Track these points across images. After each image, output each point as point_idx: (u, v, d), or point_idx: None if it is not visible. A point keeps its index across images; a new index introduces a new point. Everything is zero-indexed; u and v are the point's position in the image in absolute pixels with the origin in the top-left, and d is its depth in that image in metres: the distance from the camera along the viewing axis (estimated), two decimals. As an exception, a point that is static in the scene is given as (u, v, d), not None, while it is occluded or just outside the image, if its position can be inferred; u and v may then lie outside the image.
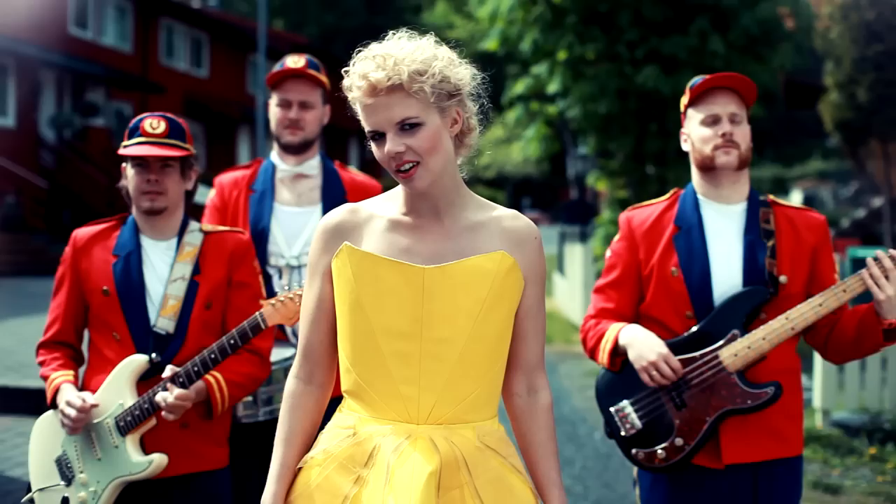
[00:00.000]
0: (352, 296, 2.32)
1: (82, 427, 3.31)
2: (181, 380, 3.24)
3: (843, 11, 18.41)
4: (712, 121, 3.32)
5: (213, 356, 3.26)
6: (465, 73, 2.34)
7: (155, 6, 29.81)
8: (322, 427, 2.46)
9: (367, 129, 2.30)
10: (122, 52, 28.85)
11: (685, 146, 3.45)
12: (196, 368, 3.25)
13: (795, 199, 31.17)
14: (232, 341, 3.27)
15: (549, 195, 51.57)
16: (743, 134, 3.32)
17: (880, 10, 17.85)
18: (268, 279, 3.99)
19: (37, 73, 23.87)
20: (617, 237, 3.51)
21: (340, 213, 2.44)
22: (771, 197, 3.43)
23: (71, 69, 24.77)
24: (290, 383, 2.46)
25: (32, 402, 3.26)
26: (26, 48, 22.71)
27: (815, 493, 6.43)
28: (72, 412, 3.26)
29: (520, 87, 15.03)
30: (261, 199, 4.09)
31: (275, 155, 4.21)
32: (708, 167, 3.34)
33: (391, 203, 2.43)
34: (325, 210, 3.93)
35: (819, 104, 19.79)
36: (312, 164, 4.18)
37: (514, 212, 2.45)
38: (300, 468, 2.39)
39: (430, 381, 2.29)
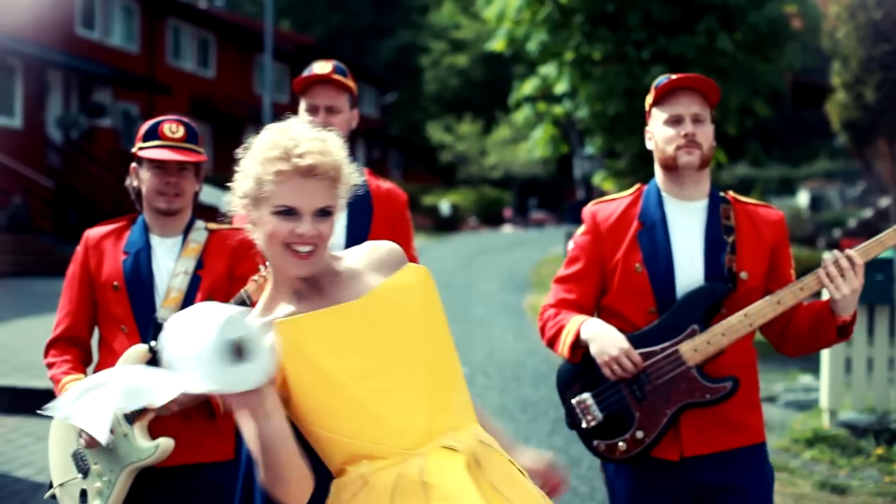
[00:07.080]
0: (309, 369, 2.24)
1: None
2: None
3: (851, 11, 18.40)
4: (675, 121, 3.37)
5: None
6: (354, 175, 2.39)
7: (162, 6, 29.87)
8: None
9: (278, 203, 2.24)
10: (129, 53, 28.91)
11: (649, 144, 3.50)
12: None
13: (802, 198, 31.11)
14: None
15: (556, 195, 51.56)
16: (705, 134, 3.37)
17: (887, 9, 17.83)
18: None
19: (44, 73, 23.93)
20: (581, 230, 3.56)
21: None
22: (731, 193, 3.49)
23: (78, 70, 24.83)
24: None
25: (39, 403, 3.25)
26: (33, 49, 22.77)
27: (822, 493, 6.42)
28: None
29: (527, 87, 15.02)
30: None
31: None
32: (670, 167, 3.39)
33: (269, 310, 2.35)
34: (350, 215, 3.94)
35: (826, 104, 19.79)
36: None
37: (371, 242, 2.46)
38: None
39: (412, 405, 2.27)
